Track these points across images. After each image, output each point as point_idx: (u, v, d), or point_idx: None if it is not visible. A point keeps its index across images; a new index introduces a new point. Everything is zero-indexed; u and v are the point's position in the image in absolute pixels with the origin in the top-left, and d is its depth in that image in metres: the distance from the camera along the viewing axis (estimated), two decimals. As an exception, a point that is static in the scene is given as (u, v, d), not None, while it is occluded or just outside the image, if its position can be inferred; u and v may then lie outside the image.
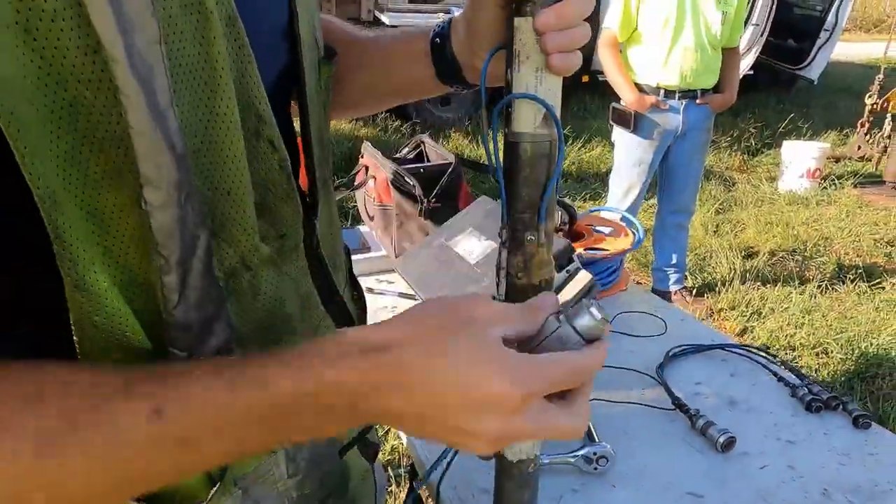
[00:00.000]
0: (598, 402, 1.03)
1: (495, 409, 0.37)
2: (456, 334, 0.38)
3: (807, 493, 0.84)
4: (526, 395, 0.37)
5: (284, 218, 0.49)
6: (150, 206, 0.35)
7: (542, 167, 0.58)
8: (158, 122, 0.34)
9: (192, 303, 0.40)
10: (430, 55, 0.62)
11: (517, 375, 0.37)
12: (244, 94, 0.41)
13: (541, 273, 0.61)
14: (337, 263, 0.62)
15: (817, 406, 1.01)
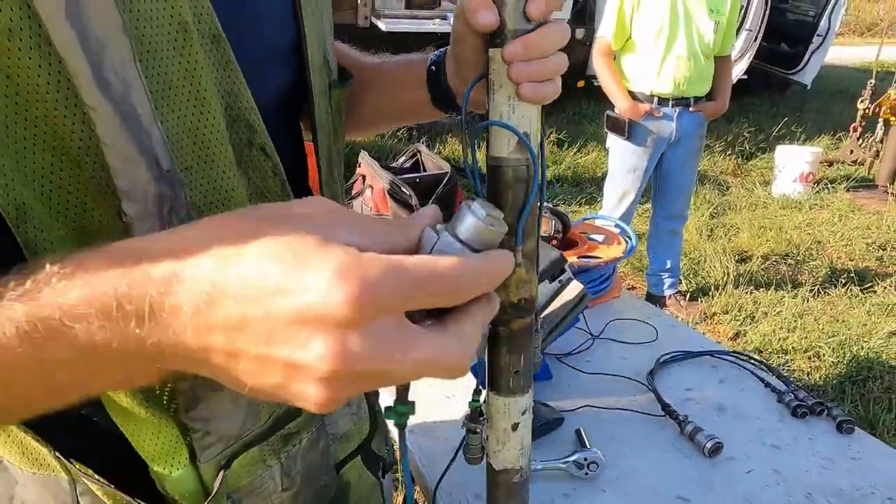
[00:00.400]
0: (590, 409, 1.06)
1: (318, 320, 0.26)
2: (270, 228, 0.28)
3: (791, 496, 0.87)
4: (366, 302, 0.26)
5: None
6: (130, 219, 0.36)
7: (519, 190, 0.60)
8: (134, 136, 0.35)
9: None
10: (426, 84, 0.65)
11: (353, 272, 0.26)
12: (233, 106, 0.43)
13: (519, 292, 0.64)
14: None
15: (803, 412, 1.04)
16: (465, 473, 0.91)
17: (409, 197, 1.50)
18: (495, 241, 0.35)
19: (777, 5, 6.45)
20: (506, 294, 0.63)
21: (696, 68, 2.77)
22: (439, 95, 0.67)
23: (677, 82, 2.77)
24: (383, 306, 0.27)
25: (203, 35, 0.39)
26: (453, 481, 0.89)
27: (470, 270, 0.30)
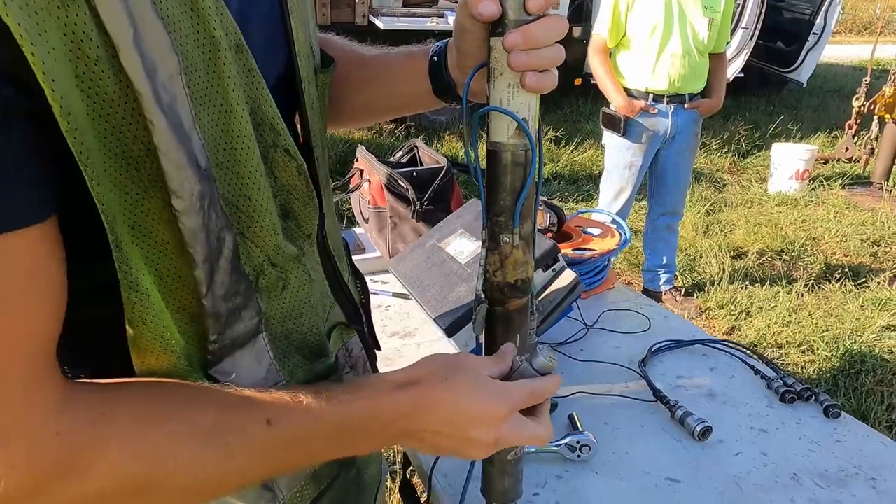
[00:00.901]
0: (583, 395, 1.08)
1: (490, 422, 0.52)
2: (458, 373, 0.53)
3: (777, 477, 0.90)
4: (509, 409, 0.53)
5: (307, 219, 0.55)
6: (178, 212, 0.41)
7: (517, 175, 0.63)
8: (182, 143, 0.40)
9: (219, 295, 0.46)
10: (428, 73, 0.68)
11: (501, 397, 0.53)
12: (258, 111, 0.47)
13: (516, 273, 0.66)
14: (340, 254, 0.68)
15: (791, 397, 1.07)
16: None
17: (405, 190, 1.52)
18: (553, 369, 0.59)
19: (773, 3, 6.48)
20: (503, 275, 0.65)
21: (691, 65, 2.79)
22: (441, 85, 0.69)
23: (672, 79, 2.79)
24: (514, 411, 0.54)
25: (229, 47, 0.43)
26: (448, 463, 0.91)
27: (545, 388, 0.57)
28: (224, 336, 0.48)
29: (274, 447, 0.46)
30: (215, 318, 0.47)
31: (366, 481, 0.74)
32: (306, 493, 0.59)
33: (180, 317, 0.46)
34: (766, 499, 0.85)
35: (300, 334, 0.55)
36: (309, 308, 0.55)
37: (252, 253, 0.48)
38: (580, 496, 0.86)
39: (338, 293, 0.64)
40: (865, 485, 0.88)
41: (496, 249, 0.64)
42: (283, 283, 0.52)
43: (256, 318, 0.50)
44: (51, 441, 0.38)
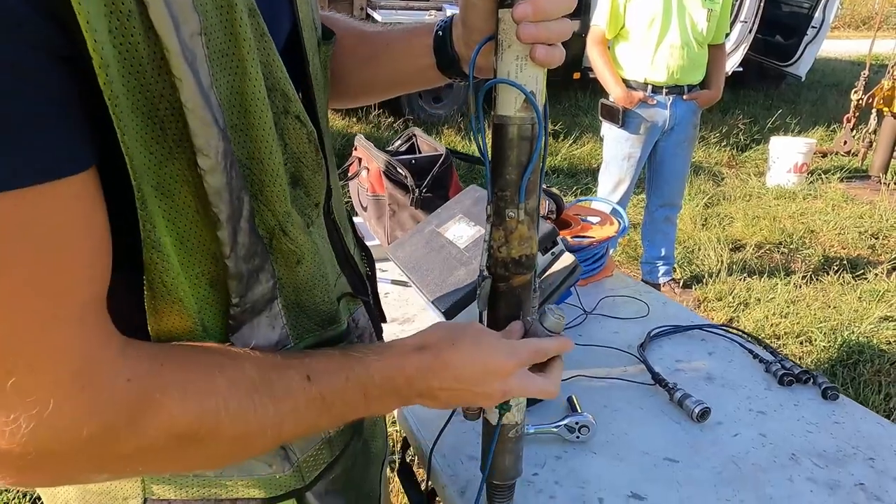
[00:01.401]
0: (581, 378, 1.08)
1: (498, 376, 0.56)
2: (467, 335, 0.57)
3: (776, 458, 0.90)
4: (515, 364, 0.57)
5: (316, 188, 0.56)
6: (203, 171, 0.41)
7: (523, 149, 0.63)
8: (206, 101, 0.40)
9: (241, 255, 0.47)
10: (432, 48, 0.68)
11: (509, 351, 0.57)
12: (270, 76, 0.47)
13: (521, 248, 0.66)
14: (346, 226, 0.68)
15: (789, 380, 1.07)
16: (459, 435, 0.94)
17: (404, 177, 1.51)
18: (562, 326, 0.63)
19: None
20: (508, 250, 0.65)
21: (690, 56, 2.79)
22: (445, 61, 0.69)
23: (671, 70, 2.79)
24: (522, 365, 0.58)
25: (243, 9, 0.43)
26: (447, 443, 0.91)
27: (553, 346, 0.61)
28: (246, 299, 0.49)
29: (314, 402, 0.48)
30: (238, 280, 0.47)
31: (373, 454, 0.75)
32: (321, 458, 0.60)
33: (199, 282, 0.46)
34: (764, 478, 0.86)
35: (313, 304, 0.56)
36: (322, 280, 0.56)
37: (265, 216, 0.49)
38: (579, 475, 0.86)
39: (344, 264, 0.65)
40: (863, 464, 0.88)
41: (501, 225, 0.64)
42: (297, 257, 0.53)
43: (272, 280, 0.51)
44: (123, 388, 0.39)
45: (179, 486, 0.54)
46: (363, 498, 0.72)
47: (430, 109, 5.92)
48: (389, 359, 0.53)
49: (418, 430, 0.96)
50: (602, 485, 0.84)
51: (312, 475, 0.60)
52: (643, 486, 0.84)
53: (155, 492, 0.53)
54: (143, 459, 0.41)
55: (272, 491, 0.57)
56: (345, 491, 0.67)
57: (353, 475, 0.69)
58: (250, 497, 0.56)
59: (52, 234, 0.34)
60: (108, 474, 0.42)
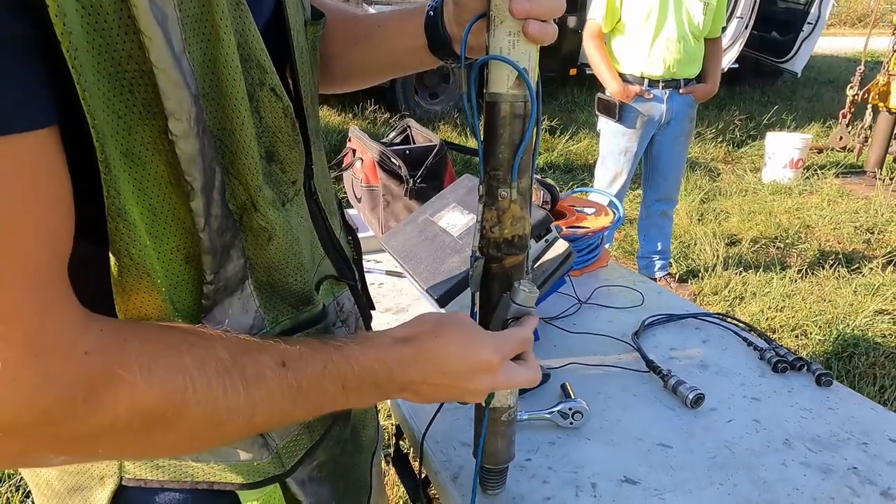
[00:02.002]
0: (575, 366, 1.08)
1: (486, 372, 0.56)
2: (452, 328, 0.56)
3: (769, 442, 0.90)
4: (501, 358, 0.57)
5: (293, 164, 0.54)
6: (175, 137, 0.40)
7: (516, 127, 0.62)
8: (177, 62, 0.39)
9: (215, 228, 0.45)
10: (423, 29, 0.67)
11: (496, 345, 0.57)
12: (244, 45, 0.46)
13: (513, 228, 0.66)
14: (332, 209, 0.67)
15: (783, 367, 1.07)
16: (451, 422, 0.93)
17: (398, 168, 1.51)
18: (533, 300, 0.63)
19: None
20: (500, 230, 0.64)
21: (686, 50, 2.79)
22: (437, 41, 0.69)
23: (667, 64, 2.78)
24: (507, 358, 0.58)
25: None
26: (440, 430, 0.91)
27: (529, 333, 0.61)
28: (219, 276, 0.48)
29: (289, 390, 0.46)
30: (213, 255, 0.46)
31: (363, 443, 0.74)
32: (300, 444, 0.59)
33: (174, 258, 0.45)
34: (757, 462, 0.85)
35: (285, 284, 0.55)
36: (294, 259, 0.55)
37: (236, 190, 0.47)
38: (572, 460, 0.85)
39: (328, 247, 0.64)
40: (857, 449, 0.88)
41: (493, 204, 0.64)
42: (268, 234, 0.51)
43: (242, 258, 0.49)
44: (81, 360, 0.37)
45: (156, 467, 0.53)
46: (352, 486, 0.71)
47: (427, 105, 5.91)
48: (371, 350, 0.51)
49: (411, 416, 0.96)
50: (595, 469, 0.84)
51: (292, 461, 0.59)
52: (636, 471, 0.84)
53: (130, 471, 0.52)
54: (104, 440, 0.39)
55: (251, 477, 0.56)
56: (331, 478, 0.66)
57: (342, 462, 0.68)
58: (228, 482, 0.55)
59: (6, 189, 0.33)
60: (65, 456, 0.39)
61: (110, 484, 0.53)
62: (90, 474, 0.54)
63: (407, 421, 0.96)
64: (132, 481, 0.53)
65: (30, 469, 0.58)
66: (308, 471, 0.62)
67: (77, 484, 0.55)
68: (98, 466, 0.53)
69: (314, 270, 0.60)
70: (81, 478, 0.54)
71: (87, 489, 0.54)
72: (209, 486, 0.55)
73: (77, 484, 0.55)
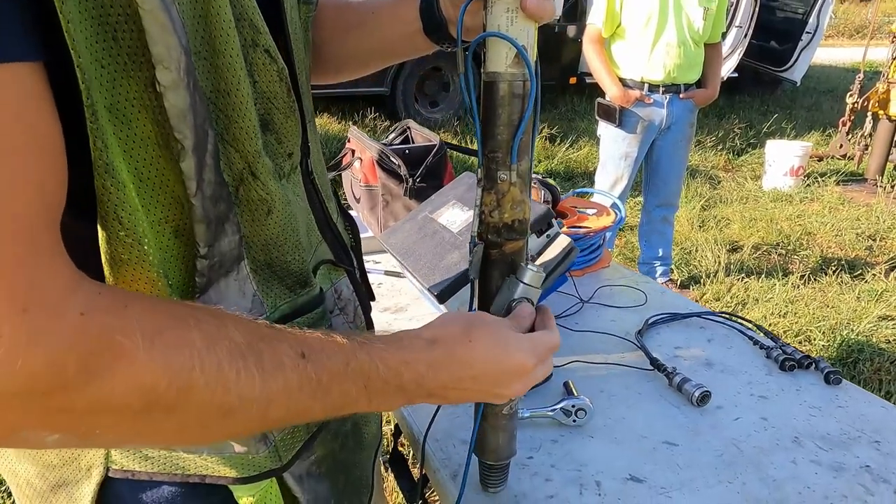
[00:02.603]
0: (578, 364, 1.06)
1: (520, 374, 0.54)
2: (483, 330, 0.53)
3: (778, 441, 0.87)
4: (535, 362, 0.55)
5: (289, 135, 0.52)
6: (163, 88, 0.37)
7: (515, 107, 0.60)
8: (165, 6, 0.36)
9: (208, 196, 0.43)
10: (419, 12, 0.66)
11: (530, 349, 0.55)
12: (237, 4, 0.44)
13: (513, 212, 0.64)
14: (328, 193, 0.66)
15: (790, 365, 1.04)
16: (451, 421, 0.91)
17: (398, 167, 1.49)
18: (540, 280, 0.61)
19: (766, 3, 6.51)
20: (500, 215, 0.63)
21: (686, 55, 2.78)
22: (432, 24, 0.67)
23: (667, 69, 2.78)
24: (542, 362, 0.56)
25: None
26: (440, 428, 0.88)
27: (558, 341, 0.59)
28: (213, 251, 0.45)
29: (308, 383, 0.42)
30: (206, 225, 0.43)
31: (365, 439, 0.71)
32: (297, 436, 0.57)
33: (163, 230, 0.43)
34: (766, 460, 0.83)
35: (283, 263, 0.52)
36: (293, 235, 0.53)
37: (231, 158, 0.45)
38: (575, 458, 0.83)
39: (325, 231, 0.62)
40: (869, 447, 0.86)
41: (492, 188, 0.62)
42: (267, 206, 0.49)
43: (238, 234, 0.47)
44: (74, 320, 0.33)
45: (144, 458, 0.50)
46: (353, 484, 0.69)
47: (427, 113, 5.92)
48: (398, 351, 0.48)
49: (410, 415, 0.93)
50: (599, 467, 0.81)
51: (289, 455, 0.56)
52: (642, 469, 0.81)
53: (117, 461, 0.50)
54: (100, 418, 0.35)
55: (246, 471, 0.53)
56: (330, 475, 0.63)
57: (342, 459, 0.66)
58: (221, 475, 0.52)
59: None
60: (59, 434, 0.35)
61: (96, 476, 0.51)
62: (76, 466, 0.51)
63: (406, 420, 0.93)
64: (119, 472, 0.51)
65: (8, 468, 0.56)
66: (306, 466, 0.60)
67: (61, 479, 0.52)
68: (85, 456, 0.51)
69: (311, 253, 0.58)
70: (66, 471, 0.52)
71: (71, 484, 0.52)
72: (201, 480, 0.52)
73: (61, 479, 0.52)
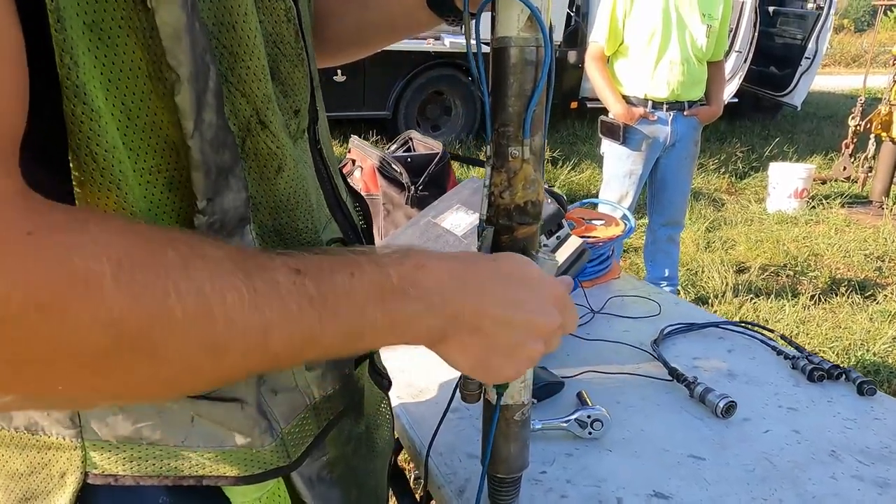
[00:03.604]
0: (591, 375, 0.99)
1: (555, 299, 0.47)
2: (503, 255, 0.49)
3: (814, 455, 0.80)
4: (565, 288, 0.49)
5: (296, 88, 0.47)
6: (155, 2, 0.32)
7: (527, 76, 0.55)
8: None
9: (208, 139, 0.37)
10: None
11: (560, 282, 0.50)
12: None
13: (525, 193, 0.58)
14: (336, 171, 0.60)
15: (819, 375, 0.98)
16: (457, 433, 0.84)
17: (399, 174, 1.45)
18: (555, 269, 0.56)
19: (765, 29, 6.57)
20: (511, 195, 0.57)
21: (690, 72, 2.76)
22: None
23: (671, 86, 2.76)
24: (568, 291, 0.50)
25: None
26: (443, 441, 0.81)
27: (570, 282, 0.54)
28: (214, 207, 0.39)
29: (310, 302, 0.35)
30: (205, 174, 0.37)
31: (377, 446, 0.65)
32: (307, 429, 0.50)
33: (154, 181, 0.37)
34: (803, 475, 0.75)
35: (293, 231, 0.46)
36: (304, 198, 0.47)
37: (237, 105, 0.39)
38: (593, 473, 0.76)
39: (335, 209, 0.57)
40: (913, 462, 0.79)
41: (503, 166, 0.57)
42: (278, 161, 0.43)
43: (244, 192, 0.41)
44: (19, 240, 0.27)
45: (129, 459, 0.43)
46: (368, 496, 0.62)
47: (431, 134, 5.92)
48: (418, 257, 0.40)
49: (411, 427, 0.86)
50: (620, 483, 0.74)
51: (298, 451, 0.49)
52: (667, 485, 0.74)
53: (98, 464, 0.42)
54: (59, 367, 0.28)
55: (249, 468, 0.46)
56: (342, 482, 0.57)
57: (355, 465, 0.59)
58: (221, 475, 0.45)
59: None
60: (12, 394, 0.29)
61: (71, 483, 0.43)
62: (46, 473, 0.44)
63: (407, 432, 0.86)
64: (99, 478, 0.43)
65: None
66: (317, 468, 0.54)
67: (28, 491, 0.44)
68: (57, 461, 0.43)
69: (323, 227, 0.52)
70: (34, 480, 0.44)
71: (41, 497, 0.44)
72: (197, 482, 0.45)
73: (28, 491, 0.44)
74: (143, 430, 0.42)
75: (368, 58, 2.46)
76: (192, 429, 0.43)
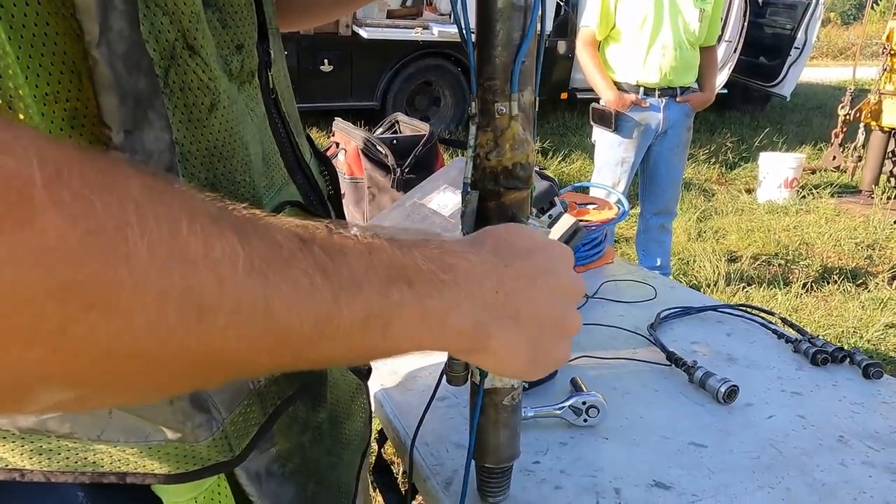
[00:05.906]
0: (585, 360, 0.94)
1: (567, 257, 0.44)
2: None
3: (821, 440, 0.76)
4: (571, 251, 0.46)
5: (237, 16, 0.41)
6: None
7: (516, 23, 0.50)
8: None
9: (119, 53, 0.30)
10: None
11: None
12: None
13: (514, 154, 0.53)
14: (298, 129, 0.54)
15: (823, 358, 0.93)
16: (444, 422, 0.79)
17: (384, 156, 1.39)
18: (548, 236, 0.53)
19: (754, 19, 6.54)
20: (498, 156, 0.52)
21: (682, 57, 2.72)
22: None
23: (663, 72, 2.71)
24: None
25: None
26: (430, 430, 0.76)
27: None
28: (135, 141, 0.32)
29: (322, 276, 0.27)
30: (119, 98, 0.31)
31: (345, 436, 0.59)
32: (251, 417, 0.44)
33: (54, 112, 0.31)
34: (811, 462, 0.71)
35: (230, 184, 0.40)
36: (241, 147, 0.41)
37: (158, 24, 0.33)
38: (589, 463, 0.71)
39: (295, 170, 0.51)
40: (925, 447, 0.74)
41: (489, 124, 0.51)
42: (211, 97, 0.37)
43: (167, 133, 0.35)
44: None
45: (36, 452, 0.37)
46: (328, 489, 0.56)
47: (417, 126, 5.86)
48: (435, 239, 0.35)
49: (395, 416, 0.81)
50: (618, 472, 0.69)
51: (243, 443, 0.43)
52: (667, 474, 0.69)
53: (1, 457, 0.37)
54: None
55: (181, 465, 0.40)
56: (297, 476, 0.51)
57: (313, 458, 0.54)
58: (148, 472, 0.39)
59: None
60: None
61: None
62: None
63: (391, 421, 0.81)
64: (3, 473, 0.38)
65: None
66: (265, 462, 0.47)
67: None
68: None
69: (274, 190, 0.47)
70: None
71: None
72: (119, 480, 0.39)
73: None
74: (48, 423, 0.36)
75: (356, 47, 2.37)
76: (111, 422, 0.37)
